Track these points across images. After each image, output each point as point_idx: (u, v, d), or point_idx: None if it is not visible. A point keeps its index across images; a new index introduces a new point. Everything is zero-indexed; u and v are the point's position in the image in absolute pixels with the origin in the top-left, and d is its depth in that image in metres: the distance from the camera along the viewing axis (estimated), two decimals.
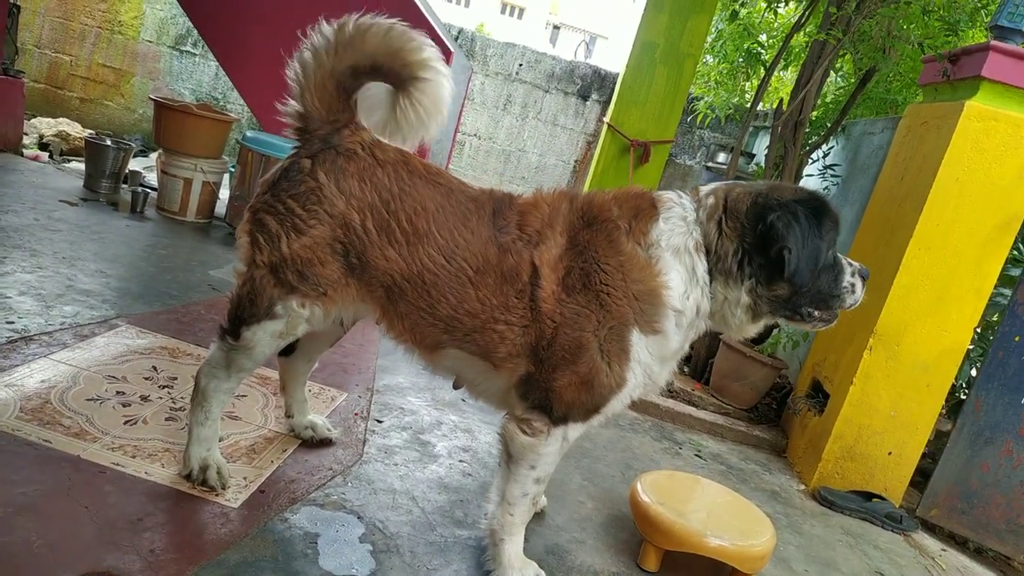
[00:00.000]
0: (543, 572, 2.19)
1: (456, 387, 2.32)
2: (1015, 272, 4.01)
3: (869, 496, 3.63)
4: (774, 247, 1.93)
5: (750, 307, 2.03)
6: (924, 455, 4.06)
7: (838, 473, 3.71)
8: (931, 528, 3.69)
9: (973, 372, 4.12)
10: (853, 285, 2.06)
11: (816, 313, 2.06)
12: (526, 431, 2.04)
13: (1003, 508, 3.56)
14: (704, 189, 2.11)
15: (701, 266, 2.01)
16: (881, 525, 3.51)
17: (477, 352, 2.03)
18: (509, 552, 2.14)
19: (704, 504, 2.59)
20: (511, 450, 2.08)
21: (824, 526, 3.34)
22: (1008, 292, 3.91)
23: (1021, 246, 4.39)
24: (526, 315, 1.96)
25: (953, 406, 4.32)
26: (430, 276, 1.97)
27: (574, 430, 2.08)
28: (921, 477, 3.90)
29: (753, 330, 2.12)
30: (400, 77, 2.00)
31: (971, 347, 4.17)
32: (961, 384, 4.19)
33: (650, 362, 2.02)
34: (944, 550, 3.53)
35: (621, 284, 1.95)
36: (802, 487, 3.75)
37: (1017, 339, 3.50)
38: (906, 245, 3.47)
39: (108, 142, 5.26)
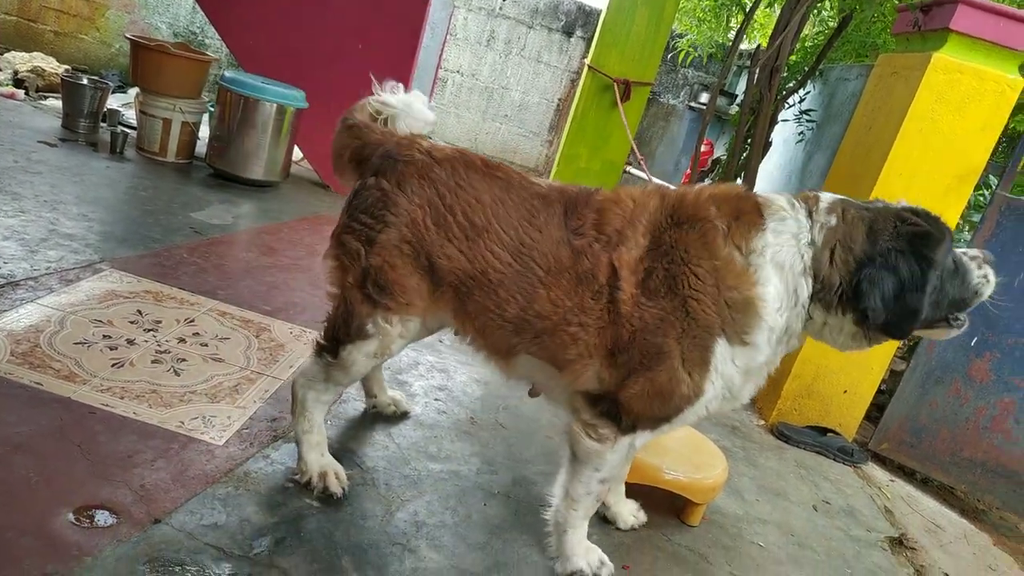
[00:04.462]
0: (606, 556, 2.21)
1: (532, 395, 2.33)
2: (976, 218, 4.15)
3: (824, 431, 3.84)
4: (861, 304, 1.85)
5: (857, 335, 1.93)
6: (882, 391, 4.27)
7: (796, 410, 3.91)
8: (882, 461, 3.93)
9: None
10: (985, 276, 1.94)
11: (961, 316, 1.97)
12: (592, 436, 2.01)
13: (948, 442, 3.79)
14: (823, 202, 1.93)
15: (805, 291, 1.89)
16: (833, 458, 3.73)
17: (545, 356, 2.01)
18: (573, 541, 2.17)
19: (662, 439, 2.76)
20: (576, 451, 2.06)
21: (779, 459, 3.56)
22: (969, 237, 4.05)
23: (986, 191, 4.52)
24: (603, 317, 1.91)
25: (911, 347, 4.51)
26: (496, 275, 1.97)
27: (642, 438, 2.04)
28: (878, 412, 4.11)
29: (866, 348, 2.00)
30: None
31: None
32: None
33: (733, 374, 1.92)
34: (892, 480, 3.78)
35: (712, 290, 1.85)
36: (761, 423, 3.95)
37: None
38: (869, 195, 3.57)
39: (85, 81, 5.21)
